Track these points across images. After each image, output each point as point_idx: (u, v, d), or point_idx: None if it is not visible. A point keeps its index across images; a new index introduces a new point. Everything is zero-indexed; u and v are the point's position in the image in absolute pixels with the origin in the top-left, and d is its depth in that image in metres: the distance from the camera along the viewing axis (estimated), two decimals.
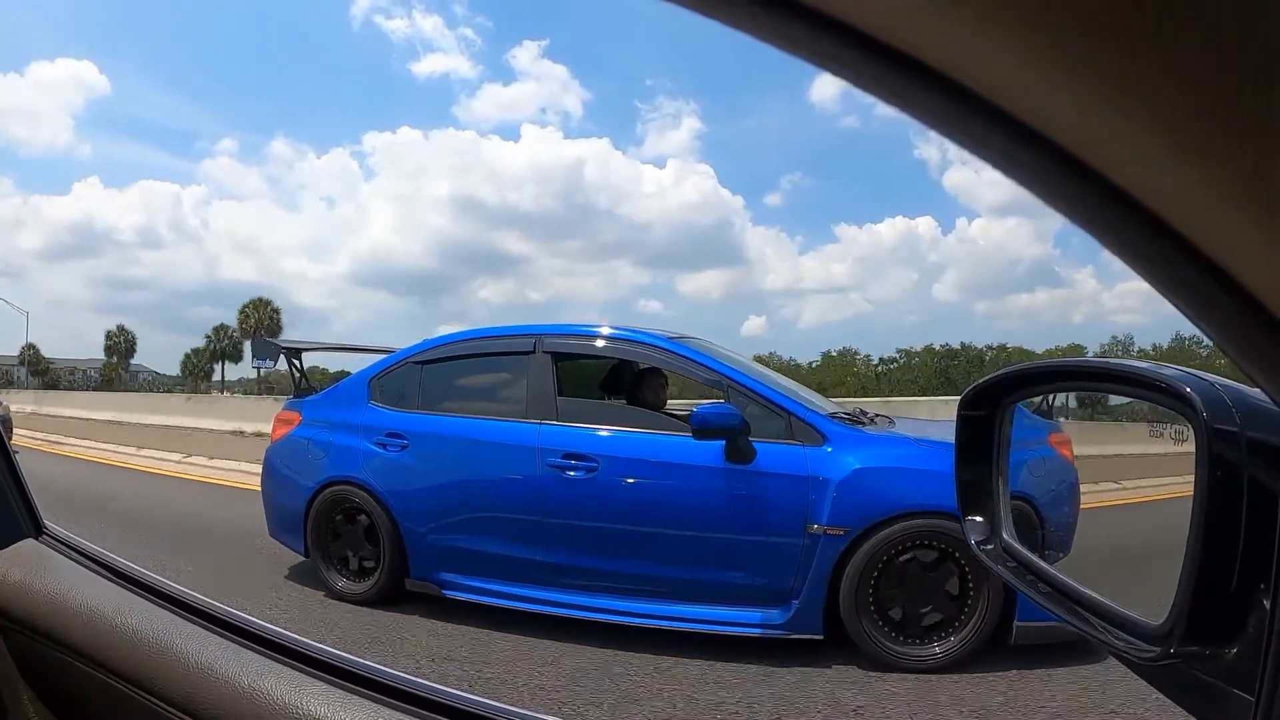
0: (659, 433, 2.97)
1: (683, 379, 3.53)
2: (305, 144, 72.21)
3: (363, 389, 3.49)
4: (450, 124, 66.96)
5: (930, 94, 0.23)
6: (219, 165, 64.42)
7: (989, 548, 0.58)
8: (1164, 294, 0.26)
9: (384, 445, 3.27)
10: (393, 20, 66.44)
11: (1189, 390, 0.39)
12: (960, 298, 56.96)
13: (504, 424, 3.12)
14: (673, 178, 62.33)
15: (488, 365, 3.43)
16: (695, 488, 2.80)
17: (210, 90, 72.99)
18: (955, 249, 56.28)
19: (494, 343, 3.43)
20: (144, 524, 5.17)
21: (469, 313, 59.65)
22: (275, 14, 73.22)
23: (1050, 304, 54.21)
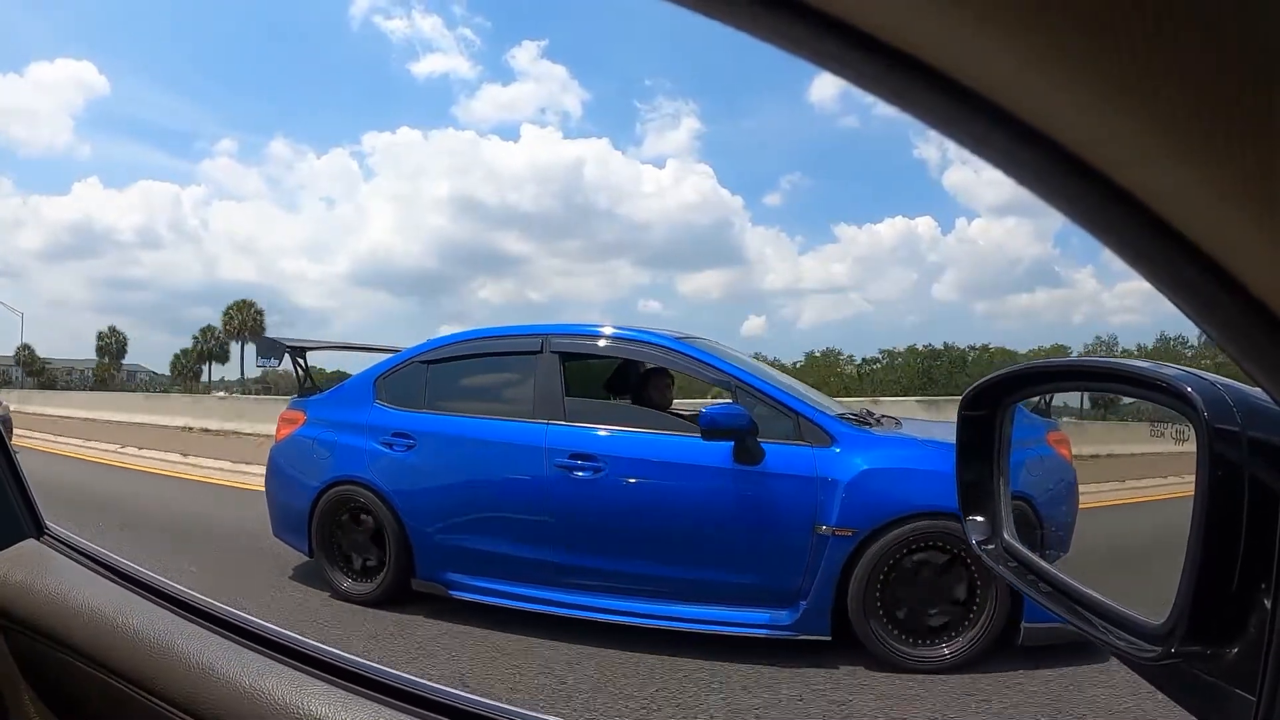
0: (667, 433, 2.97)
1: (687, 379, 3.52)
2: (305, 144, 72.58)
3: (368, 388, 3.48)
4: (450, 124, 67.29)
5: (931, 94, 0.23)
6: (218, 165, 64.86)
7: (990, 548, 0.58)
8: (1165, 294, 0.26)
9: (390, 445, 3.26)
10: (392, 20, 66.78)
11: (1190, 390, 0.39)
12: (960, 298, 57.12)
13: (511, 424, 3.11)
14: (672, 178, 62.56)
15: (494, 365, 3.42)
16: (703, 488, 2.79)
17: (210, 90, 73.39)
18: (955, 249, 56.46)
19: (501, 342, 3.42)
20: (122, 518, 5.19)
21: (469, 313, 59.84)
22: (274, 14, 73.51)
23: (1050, 304, 54.27)
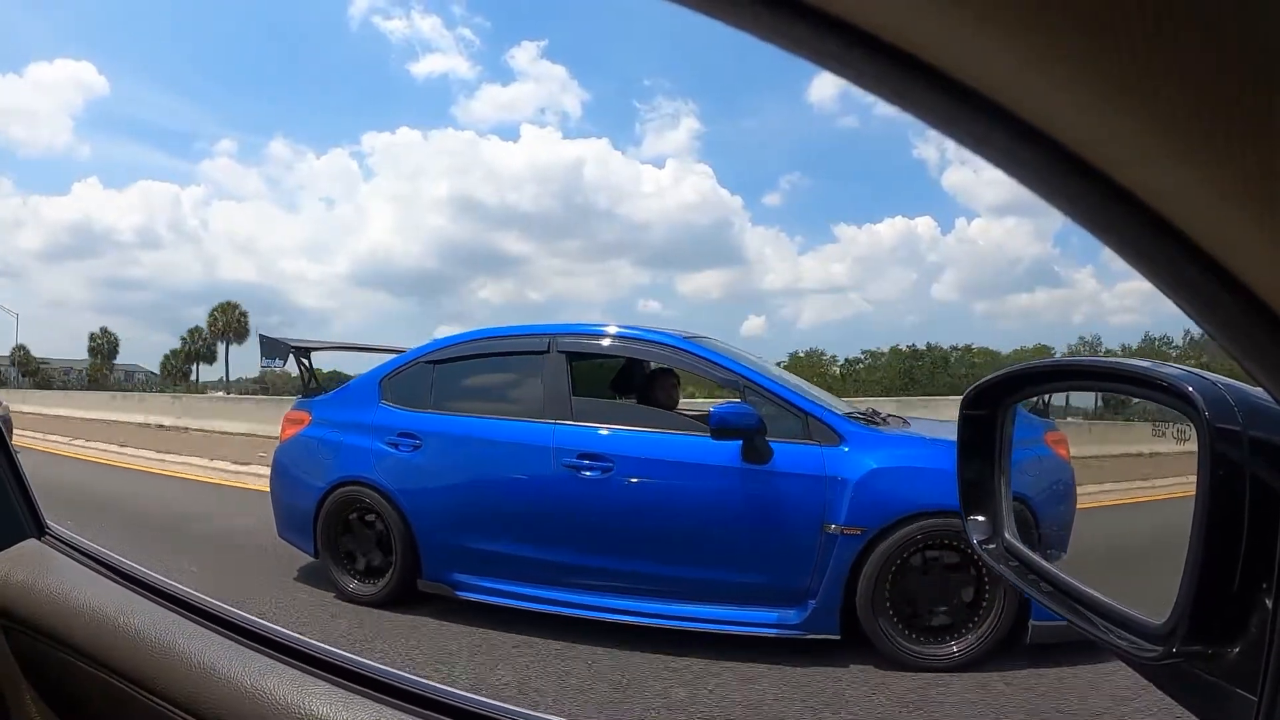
0: (675, 432, 2.97)
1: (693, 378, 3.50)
2: (304, 144, 72.66)
3: (374, 389, 3.46)
4: (449, 124, 67.32)
5: (932, 93, 0.23)
6: (218, 166, 64.91)
7: (991, 547, 0.58)
8: (1166, 293, 0.26)
9: (396, 445, 3.25)
10: (391, 21, 66.79)
11: (1191, 389, 0.39)
12: (960, 297, 57.09)
13: (518, 424, 3.10)
14: (671, 178, 62.57)
15: (501, 365, 3.41)
16: (712, 488, 2.79)
17: (209, 91, 73.52)
18: (954, 249, 56.43)
19: (507, 342, 3.41)
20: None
21: (469, 313, 59.86)
22: (274, 15, 73.57)
23: (1050, 304, 54.22)
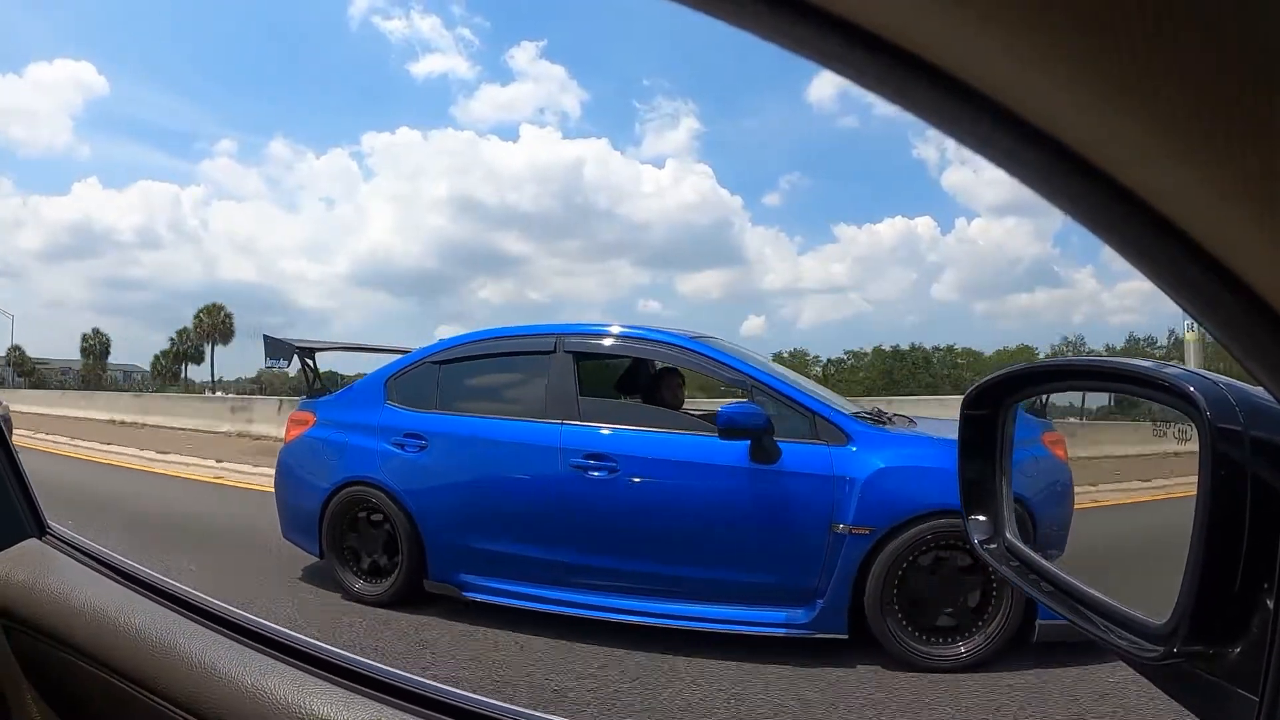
0: (682, 433, 2.97)
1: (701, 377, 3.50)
2: (304, 144, 72.50)
3: (379, 389, 3.46)
4: (449, 124, 67.13)
5: (934, 93, 0.23)
6: (218, 166, 64.69)
7: (992, 547, 0.58)
8: (1168, 293, 0.26)
9: (402, 446, 3.25)
10: (391, 21, 66.58)
11: (1192, 389, 0.39)
12: (960, 297, 57.02)
13: (525, 424, 3.10)
14: (671, 178, 62.46)
15: (507, 365, 3.41)
16: (720, 488, 2.79)
17: (209, 91, 73.39)
18: (954, 249, 56.31)
19: (514, 342, 3.40)
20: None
21: (469, 313, 59.78)
22: (273, 15, 73.49)
23: (1050, 304, 54.12)
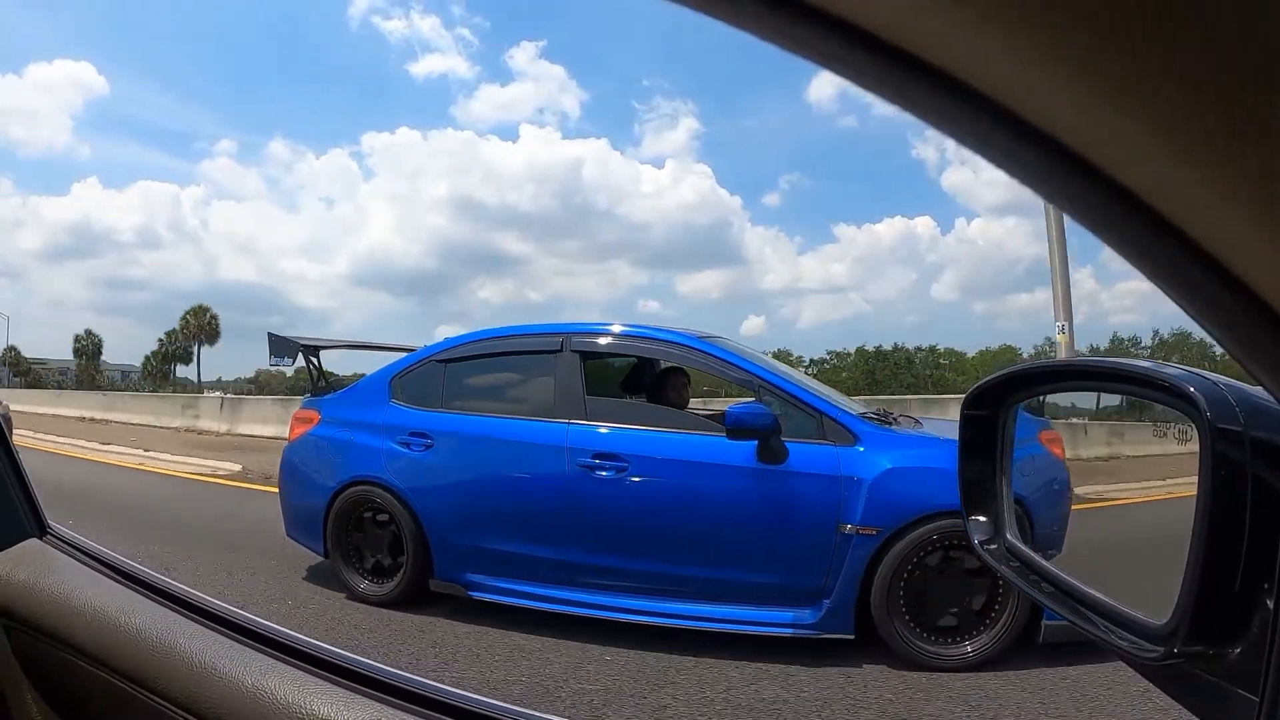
0: (689, 432, 2.97)
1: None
2: (304, 144, 72.57)
3: (384, 388, 3.45)
4: (448, 124, 67.12)
5: (934, 93, 0.23)
6: (218, 166, 64.70)
7: (992, 547, 0.58)
8: (1167, 293, 0.26)
9: (407, 445, 3.25)
10: (390, 21, 66.56)
11: (1192, 390, 0.39)
12: (959, 297, 56.97)
13: (532, 423, 3.10)
14: (671, 178, 62.44)
15: (513, 364, 3.40)
16: (727, 488, 2.79)
17: (209, 91, 73.37)
18: (954, 249, 56.25)
19: (520, 341, 3.40)
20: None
21: (469, 313, 59.75)
22: (273, 15, 73.55)
23: (1050, 304, 53.95)
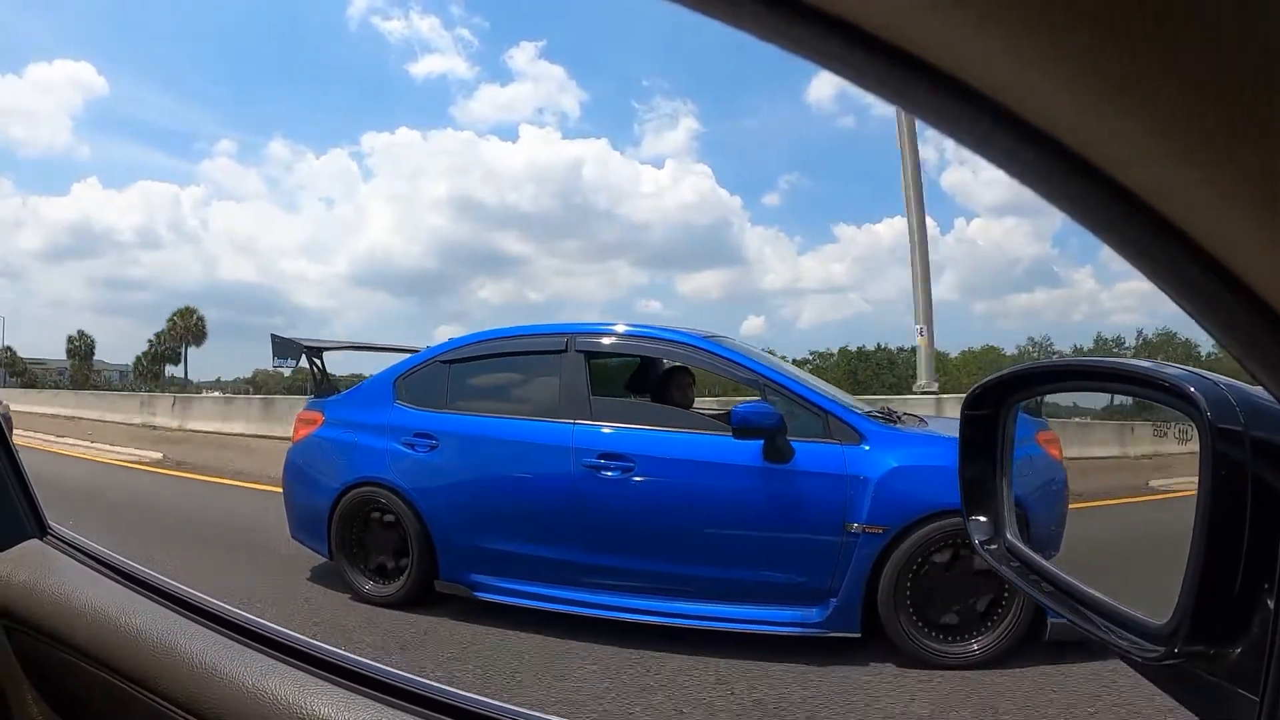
0: (695, 432, 2.97)
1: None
2: (303, 145, 72.80)
3: (388, 389, 3.45)
4: (448, 124, 67.35)
5: (934, 93, 0.23)
6: (218, 166, 64.98)
7: (993, 547, 0.58)
8: (1167, 293, 0.26)
9: (412, 445, 3.24)
10: (390, 21, 66.81)
11: (1192, 390, 0.39)
12: (959, 297, 57.02)
13: (537, 423, 3.10)
14: (670, 178, 62.57)
15: (518, 364, 3.40)
16: (733, 487, 2.80)
17: (208, 91, 73.67)
18: (954, 249, 56.34)
19: (524, 341, 3.39)
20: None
21: (469, 313, 59.87)
22: (273, 15, 73.63)
23: (1049, 303, 54.15)
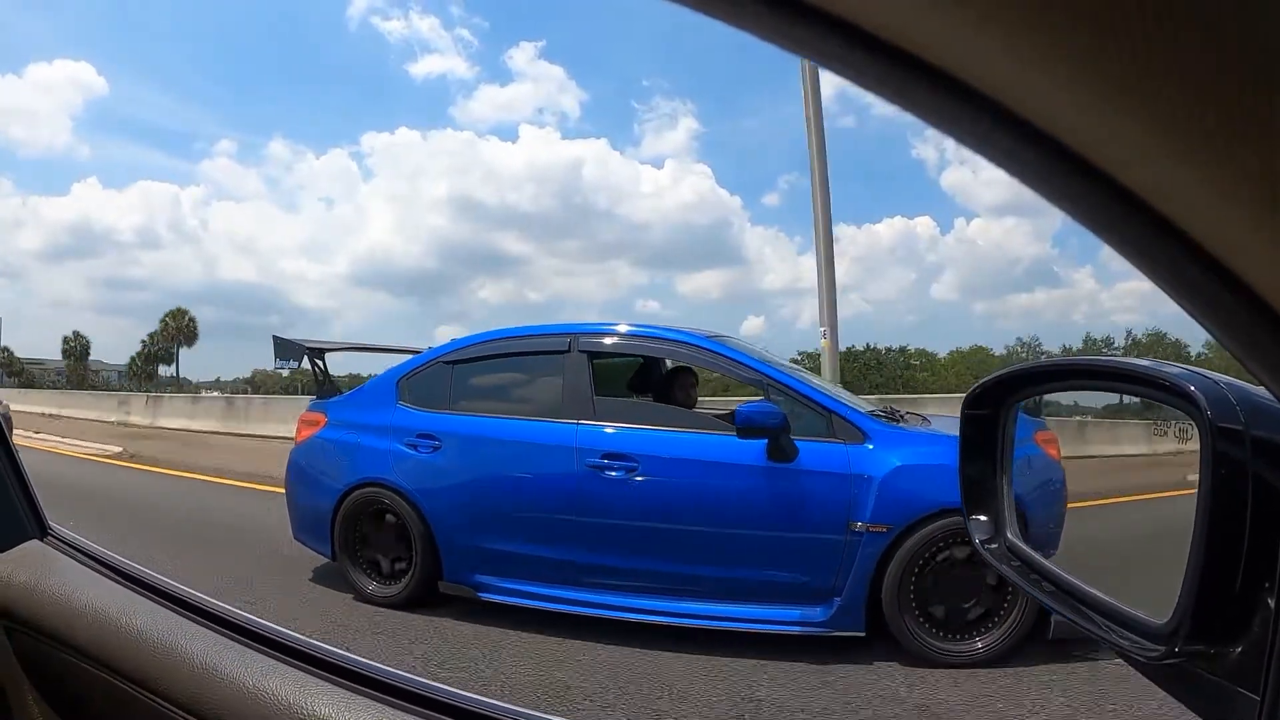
0: (699, 432, 2.97)
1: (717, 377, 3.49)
2: (303, 145, 72.62)
3: (391, 389, 3.45)
4: (448, 124, 67.20)
5: (934, 93, 0.23)
6: (217, 166, 64.82)
7: (993, 546, 0.58)
8: (1168, 293, 0.26)
9: (415, 446, 3.24)
10: (390, 21, 66.64)
11: (1193, 389, 0.39)
12: (959, 297, 57.04)
13: (540, 424, 3.10)
14: (670, 178, 62.45)
15: (521, 365, 3.40)
16: (738, 487, 2.80)
17: (208, 91, 73.53)
18: (954, 249, 56.31)
19: (527, 342, 3.40)
20: None
21: (469, 313, 59.81)
22: (272, 15, 73.56)
23: (1049, 303, 54.10)
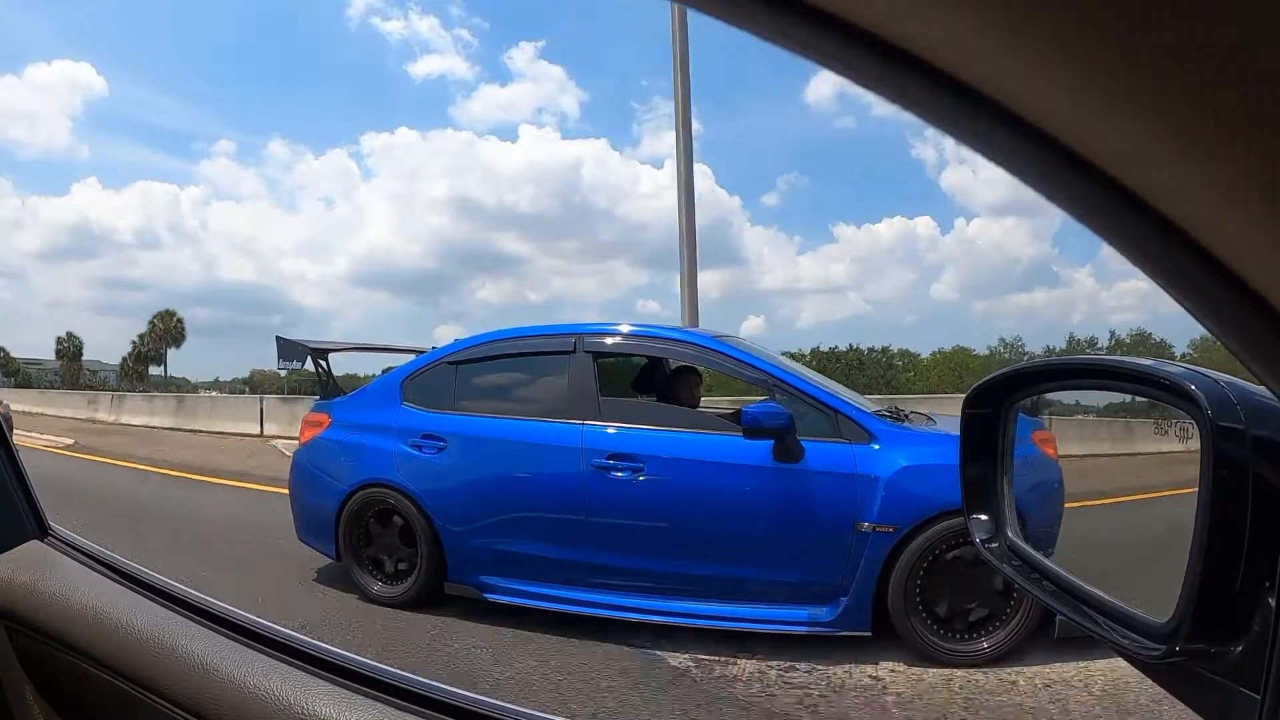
0: (705, 432, 2.98)
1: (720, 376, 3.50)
2: (303, 145, 72.30)
3: (395, 390, 3.45)
4: (447, 124, 66.89)
5: (934, 93, 0.23)
6: (217, 166, 64.40)
7: (994, 546, 0.58)
8: (1169, 292, 0.26)
9: (419, 447, 3.24)
10: (389, 21, 66.28)
11: (1193, 388, 0.39)
12: (959, 297, 56.81)
13: (545, 424, 3.10)
14: (670, 178, 61.92)
15: (526, 365, 3.40)
16: (744, 487, 2.80)
17: (207, 91, 73.35)
18: (953, 249, 56.09)
19: (532, 342, 3.40)
20: None
21: (468, 313, 59.65)
22: (272, 15, 73.42)
23: (1049, 303, 53.97)
